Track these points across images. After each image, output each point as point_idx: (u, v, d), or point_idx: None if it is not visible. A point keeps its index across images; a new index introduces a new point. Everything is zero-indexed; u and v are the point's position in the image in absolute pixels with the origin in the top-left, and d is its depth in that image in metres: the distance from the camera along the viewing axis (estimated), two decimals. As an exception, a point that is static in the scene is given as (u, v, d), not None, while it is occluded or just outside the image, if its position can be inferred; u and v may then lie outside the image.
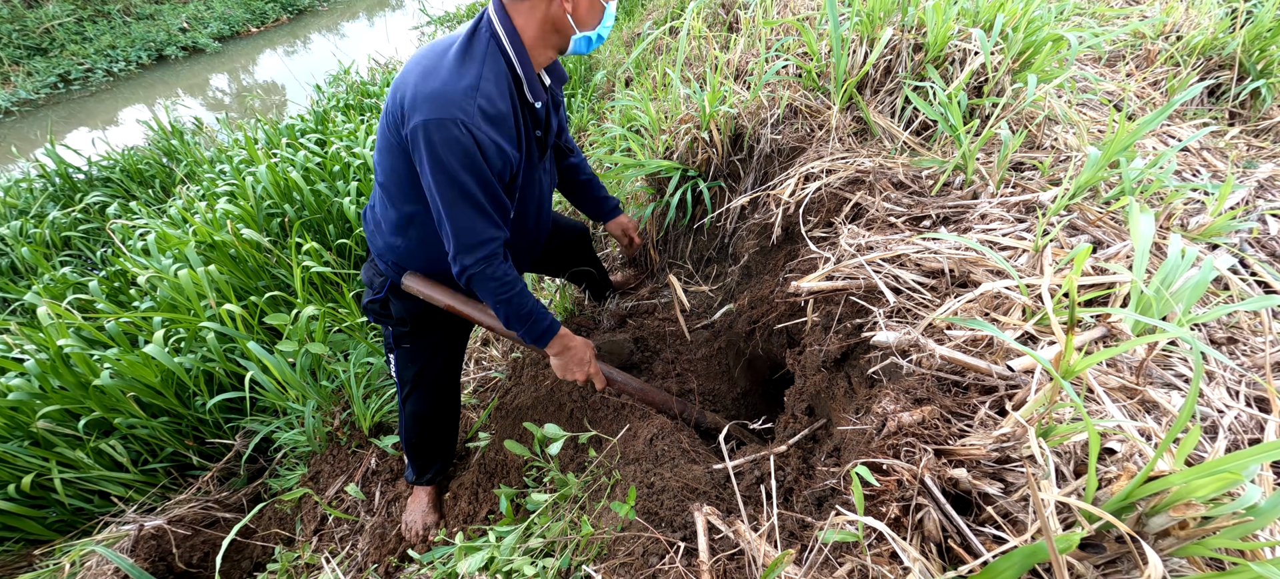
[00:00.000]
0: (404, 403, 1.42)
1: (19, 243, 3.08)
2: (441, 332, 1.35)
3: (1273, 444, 0.39)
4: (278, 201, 2.52)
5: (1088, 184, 0.96)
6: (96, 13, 7.42)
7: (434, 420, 1.46)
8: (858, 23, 1.46)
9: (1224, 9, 2.31)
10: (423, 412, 1.43)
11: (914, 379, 0.69)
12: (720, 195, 1.60)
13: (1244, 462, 0.38)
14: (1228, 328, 0.81)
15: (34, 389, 1.79)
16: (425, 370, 1.37)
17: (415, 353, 1.36)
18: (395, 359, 1.38)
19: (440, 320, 1.32)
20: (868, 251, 0.91)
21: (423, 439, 1.49)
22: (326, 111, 3.78)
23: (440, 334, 1.36)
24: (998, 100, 1.30)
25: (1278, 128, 1.90)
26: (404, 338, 1.34)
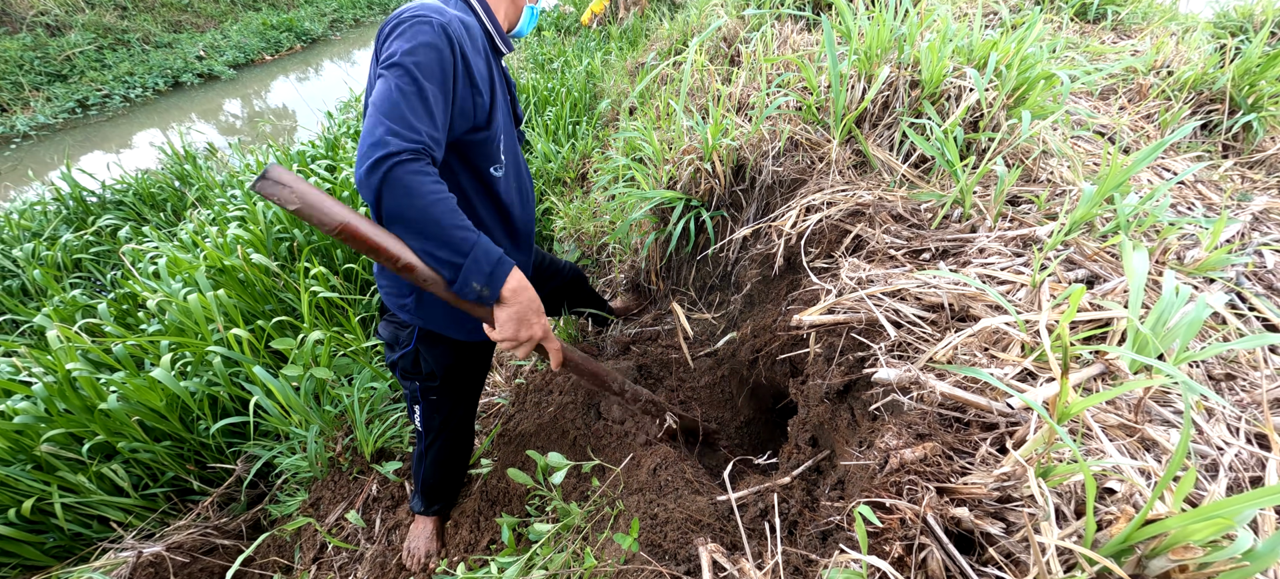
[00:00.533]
0: (427, 452, 1.39)
1: (31, 265, 3.13)
2: (467, 377, 1.30)
3: (1268, 490, 0.39)
4: (287, 226, 2.56)
5: (1083, 219, 0.99)
6: (116, 41, 7.66)
7: (454, 461, 1.45)
8: (856, 60, 1.50)
9: (1213, 45, 2.38)
10: (445, 457, 1.41)
11: (916, 415, 0.70)
12: (723, 225, 1.63)
13: (1238, 506, 0.39)
14: (1227, 363, 0.82)
15: (40, 412, 1.80)
16: (450, 417, 1.33)
17: (441, 403, 1.30)
18: (421, 411, 1.32)
19: (468, 368, 1.27)
20: (868, 285, 0.93)
21: (440, 480, 1.48)
22: (337, 138, 3.86)
23: (465, 380, 1.30)
24: (993, 135, 1.34)
25: (1271, 160, 1.93)
26: (432, 391, 1.27)
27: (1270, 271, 1.17)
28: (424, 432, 1.34)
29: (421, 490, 1.50)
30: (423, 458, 1.42)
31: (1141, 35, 2.71)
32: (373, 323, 2.44)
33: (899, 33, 1.51)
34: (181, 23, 8.48)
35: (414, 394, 1.30)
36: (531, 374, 1.82)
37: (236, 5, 9.26)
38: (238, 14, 9.11)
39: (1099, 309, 0.78)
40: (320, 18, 9.42)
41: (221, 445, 2.00)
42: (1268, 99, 1.95)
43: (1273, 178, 1.82)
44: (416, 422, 1.34)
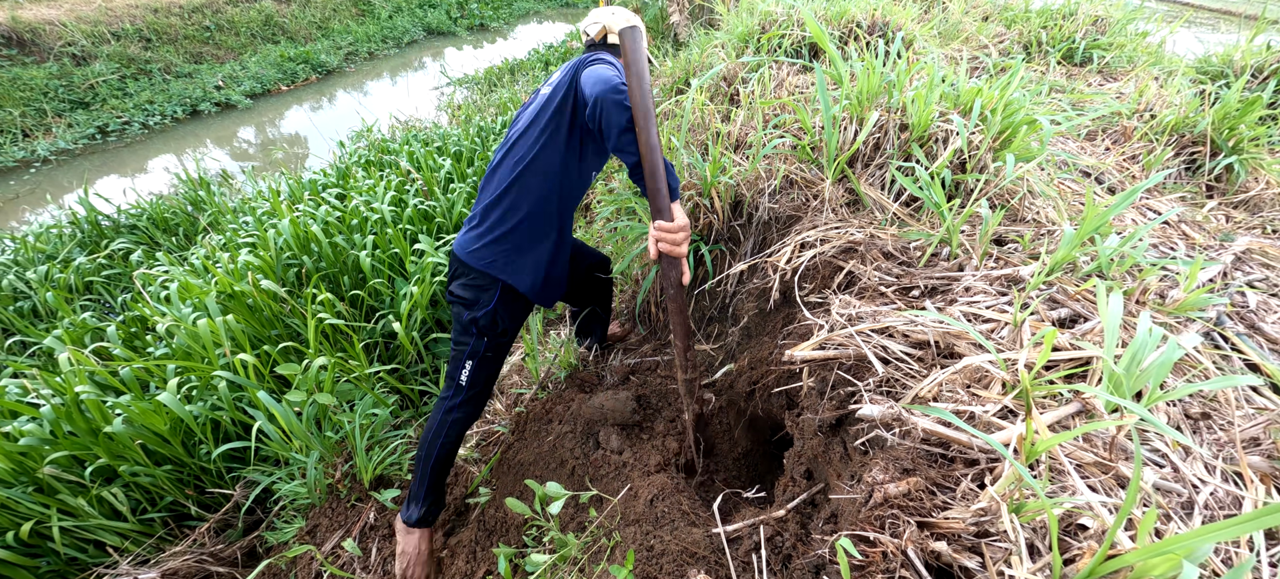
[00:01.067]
0: (456, 408, 1.53)
1: (44, 287, 3.19)
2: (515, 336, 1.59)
3: (1223, 524, 0.42)
4: (296, 253, 2.62)
5: (1064, 261, 1.03)
6: (139, 71, 7.94)
7: (465, 427, 1.58)
8: (848, 104, 1.58)
9: (1193, 90, 2.47)
10: (471, 417, 1.57)
11: (902, 450, 0.72)
12: (721, 258, 1.68)
13: (1197, 540, 0.42)
14: (1205, 402, 0.85)
15: (45, 434, 1.82)
16: (490, 377, 1.56)
17: (494, 360, 1.54)
18: (471, 367, 1.50)
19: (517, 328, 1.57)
20: (857, 322, 0.97)
21: (449, 456, 1.57)
22: (349, 167, 3.97)
23: (513, 339, 1.59)
24: (979, 177, 1.39)
25: (1254, 201, 1.99)
26: (495, 346, 1.51)
27: (1253, 311, 1.20)
28: (467, 388, 1.52)
29: (427, 480, 1.55)
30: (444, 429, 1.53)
31: (1126, 79, 2.81)
32: (377, 349, 2.47)
33: (888, 79, 1.59)
34: (203, 54, 8.80)
35: (475, 350, 1.49)
36: (532, 404, 1.84)
37: (256, 38, 9.62)
38: (257, 46, 9.45)
39: (1077, 349, 0.81)
40: (336, 51, 9.77)
41: (221, 470, 2.01)
42: (1247, 142, 2.02)
43: (1256, 218, 1.87)
44: (462, 378, 1.51)
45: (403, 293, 2.49)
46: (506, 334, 1.53)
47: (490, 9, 13.76)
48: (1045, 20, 3.33)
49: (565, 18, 14.41)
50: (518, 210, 1.42)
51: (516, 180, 1.41)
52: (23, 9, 7.80)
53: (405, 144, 4.39)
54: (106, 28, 8.05)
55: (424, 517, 1.56)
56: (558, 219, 1.49)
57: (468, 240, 1.46)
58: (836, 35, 2.43)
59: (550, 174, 1.42)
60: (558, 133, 1.40)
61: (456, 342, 1.53)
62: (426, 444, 1.54)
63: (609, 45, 1.57)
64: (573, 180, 1.48)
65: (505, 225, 1.42)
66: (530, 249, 1.46)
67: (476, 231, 1.45)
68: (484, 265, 1.43)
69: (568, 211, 1.52)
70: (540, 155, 1.40)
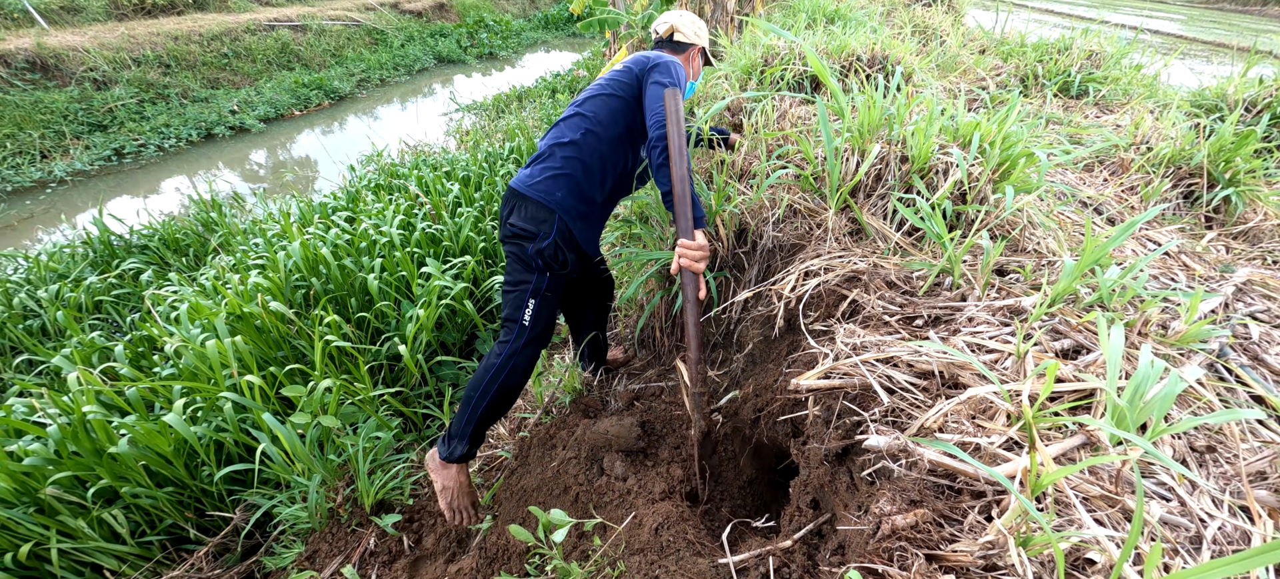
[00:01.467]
0: (520, 350, 1.59)
1: (54, 306, 3.22)
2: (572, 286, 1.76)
3: (1225, 561, 0.43)
4: (305, 275, 2.66)
5: (1065, 292, 1.04)
6: (157, 95, 8.17)
7: (527, 374, 1.64)
8: (849, 136, 1.62)
9: (1188, 123, 2.51)
10: (532, 360, 1.62)
11: (909, 481, 0.73)
12: (726, 285, 1.70)
13: (1199, 576, 0.42)
14: (1210, 435, 0.85)
15: (49, 454, 1.83)
16: (550, 319, 1.63)
17: (555, 299, 1.62)
18: (534, 306, 1.57)
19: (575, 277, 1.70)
20: (863, 352, 0.98)
21: (503, 399, 1.60)
22: (359, 191, 4.05)
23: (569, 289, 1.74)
24: (980, 208, 1.42)
25: (1253, 231, 2.00)
26: (556, 283, 1.60)
27: (1256, 343, 1.21)
28: (531, 326, 1.58)
29: (472, 419, 1.58)
30: (504, 370, 1.57)
31: (1122, 111, 2.87)
32: (382, 372, 2.48)
33: (888, 112, 1.63)
34: (220, 80, 9.06)
35: (537, 287, 1.58)
36: (536, 428, 1.84)
37: (272, 65, 9.91)
38: (272, 72, 9.73)
39: (1080, 380, 0.82)
40: (349, 77, 10.04)
41: (222, 493, 2.00)
42: (1244, 174, 2.04)
43: (1255, 249, 1.88)
44: (525, 318, 1.57)
45: (409, 315, 2.51)
46: (566, 273, 1.61)
47: (499, 39, 14.18)
48: (1041, 54, 3.42)
49: (571, 48, 14.81)
50: (581, 158, 1.58)
51: (584, 134, 1.59)
52: (49, 36, 8.08)
53: (414, 168, 4.47)
54: (128, 54, 8.32)
55: (465, 454, 1.60)
56: (608, 181, 1.66)
57: (530, 174, 1.59)
58: (837, 68, 2.50)
59: (612, 141, 1.63)
60: (621, 113, 1.64)
61: (516, 283, 1.60)
62: (481, 384, 1.57)
63: (673, 42, 1.86)
64: (623, 154, 1.68)
65: (569, 168, 1.57)
66: (585, 195, 1.60)
67: (540, 166, 1.59)
68: (543, 195, 1.54)
69: (615, 178, 1.68)
70: (605, 123, 1.62)
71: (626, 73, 1.66)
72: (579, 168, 1.58)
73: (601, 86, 1.67)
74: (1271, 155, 2.40)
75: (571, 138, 1.60)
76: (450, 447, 1.60)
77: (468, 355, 2.81)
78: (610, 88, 1.65)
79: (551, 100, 8.06)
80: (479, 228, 3.38)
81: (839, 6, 4.50)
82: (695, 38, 1.87)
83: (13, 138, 6.58)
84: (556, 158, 1.58)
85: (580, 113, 1.63)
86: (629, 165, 1.74)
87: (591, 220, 1.66)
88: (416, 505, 1.87)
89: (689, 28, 1.87)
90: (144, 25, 9.27)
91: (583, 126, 1.61)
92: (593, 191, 1.62)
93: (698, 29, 1.89)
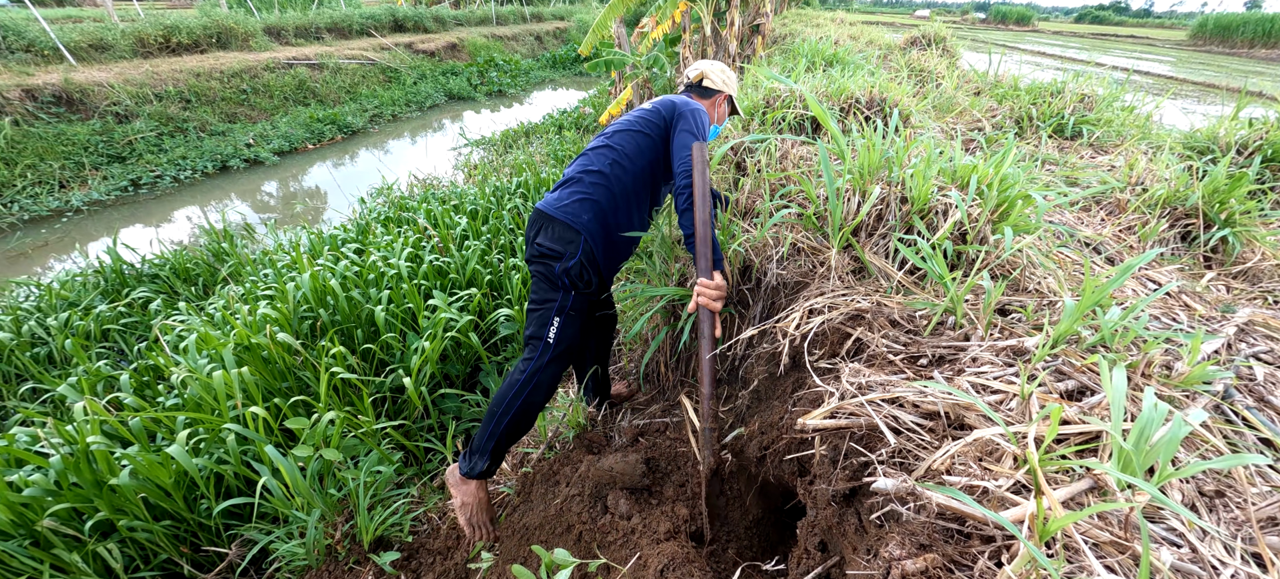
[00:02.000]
0: (545, 367, 1.61)
1: (62, 334, 3.25)
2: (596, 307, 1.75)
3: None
4: (313, 306, 2.69)
5: (1067, 333, 1.06)
6: (176, 129, 8.42)
7: (550, 392, 1.66)
8: (850, 177, 1.67)
9: (1182, 164, 2.57)
10: (556, 378, 1.65)
11: (918, 524, 0.72)
12: (731, 322, 1.72)
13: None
14: (1219, 479, 0.85)
15: (50, 485, 1.82)
16: (574, 339, 1.66)
17: (579, 319, 1.65)
18: (559, 323, 1.61)
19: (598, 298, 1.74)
20: (868, 391, 0.99)
21: (526, 416, 1.61)
22: (368, 223, 4.12)
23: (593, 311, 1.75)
24: (980, 248, 1.45)
25: (1253, 271, 2.02)
26: (581, 302, 1.64)
27: (1260, 384, 1.21)
28: (556, 344, 1.62)
29: (492, 439, 1.59)
30: (525, 390, 1.59)
31: (1116, 152, 2.93)
32: (386, 404, 2.48)
33: (887, 154, 1.68)
34: (237, 114, 9.35)
35: (562, 305, 1.62)
36: (539, 464, 1.82)
37: (288, 100, 10.25)
38: (289, 108, 10.05)
39: (1085, 423, 0.82)
40: (362, 113, 10.36)
41: (220, 527, 1.97)
42: (1239, 215, 2.08)
43: (1256, 288, 1.89)
44: (549, 336, 1.61)
45: (414, 347, 2.53)
46: (590, 293, 1.66)
47: (508, 77, 14.67)
48: (1034, 97, 3.53)
49: (578, 86, 15.29)
50: (607, 186, 1.66)
51: (612, 165, 1.68)
52: (76, 72, 8.41)
53: (423, 202, 4.57)
54: (150, 89, 8.63)
55: (486, 470, 1.61)
56: (630, 212, 1.73)
57: (557, 198, 1.66)
58: (837, 110, 2.58)
59: (637, 174, 1.71)
60: (647, 150, 1.73)
61: (541, 302, 1.64)
62: (505, 400, 1.59)
63: (702, 88, 1.97)
64: (645, 189, 1.76)
65: (595, 194, 1.64)
66: (609, 222, 1.66)
67: (567, 190, 1.66)
68: (570, 218, 1.60)
69: (637, 210, 1.76)
70: (632, 156, 1.70)
71: (655, 114, 1.76)
72: (605, 195, 1.65)
73: (630, 122, 1.77)
74: (1266, 196, 2.45)
75: (599, 167, 1.68)
76: (471, 463, 1.62)
77: (471, 387, 2.81)
78: (639, 125, 1.75)
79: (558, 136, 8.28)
80: (485, 260, 3.43)
81: (837, 50, 4.67)
82: (723, 86, 1.98)
83: (34, 168, 6.77)
84: (584, 183, 1.66)
85: (609, 145, 1.72)
86: (649, 200, 1.82)
87: (613, 248, 1.71)
88: (416, 543, 1.83)
89: (718, 76, 1.98)
90: (168, 62, 9.65)
91: (611, 156, 1.69)
92: (615, 219, 1.68)
93: (727, 78, 2.00)
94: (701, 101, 1.91)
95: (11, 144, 6.82)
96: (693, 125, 1.65)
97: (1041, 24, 50.51)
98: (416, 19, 16.43)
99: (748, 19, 7.21)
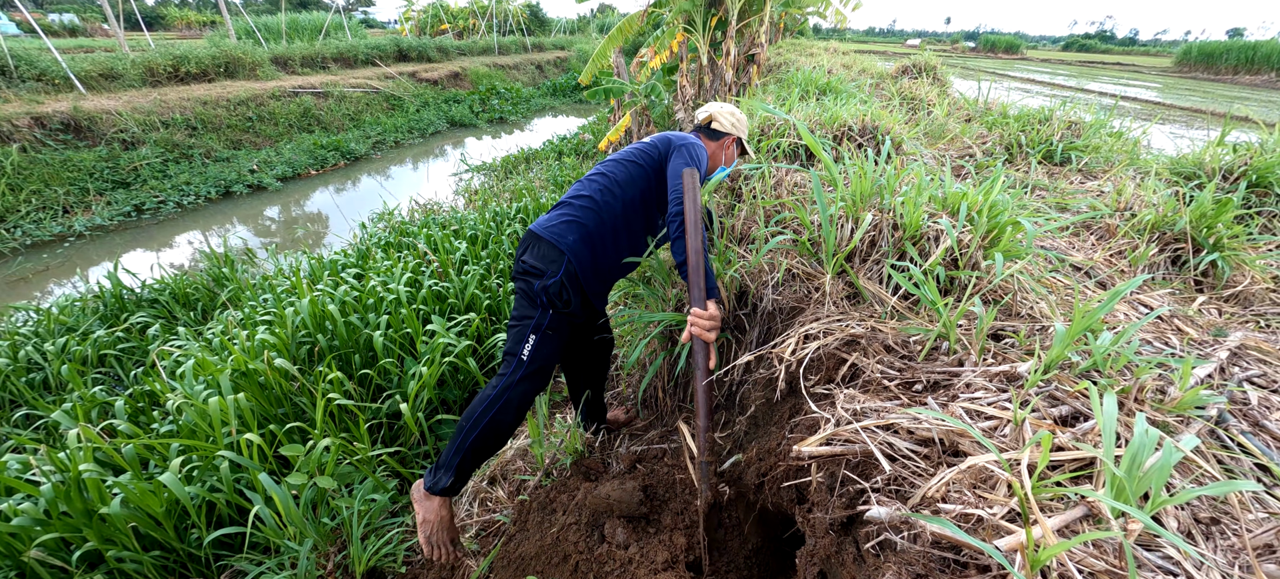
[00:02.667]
0: (515, 384, 1.58)
1: (58, 359, 3.24)
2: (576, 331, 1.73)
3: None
4: (311, 331, 2.69)
5: (1059, 359, 1.07)
6: (181, 155, 8.54)
7: (520, 413, 1.63)
8: (843, 204, 1.70)
9: (1169, 190, 2.62)
10: (528, 396, 1.62)
11: (914, 554, 0.72)
12: (728, 347, 1.72)
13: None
14: (1215, 506, 0.84)
15: (39, 514, 1.79)
16: (547, 361, 1.64)
17: (556, 339, 1.64)
18: (534, 341, 1.61)
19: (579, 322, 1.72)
20: (863, 418, 0.99)
21: (494, 433, 1.58)
22: (369, 248, 4.15)
23: (573, 333, 1.72)
24: (972, 273, 1.47)
25: (1244, 294, 2.04)
26: (560, 325, 1.63)
27: (1254, 409, 1.21)
28: (528, 361, 1.60)
29: (460, 454, 1.55)
30: (495, 406, 1.56)
31: (1105, 178, 2.99)
32: (382, 431, 2.46)
33: (878, 182, 1.72)
34: (242, 141, 9.50)
35: (539, 323, 1.61)
36: (535, 491, 1.80)
37: (293, 127, 10.43)
38: (293, 135, 10.22)
39: (1078, 449, 0.83)
40: (365, 139, 10.53)
41: (209, 558, 1.94)
42: (1227, 239, 2.11)
43: (1248, 311, 1.91)
44: (523, 353, 1.60)
45: (412, 372, 2.52)
46: (570, 314, 1.65)
47: (509, 105, 14.96)
48: (1023, 124, 3.61)
49: (578, 113, 15.59)
50: (596, 210, 1.69)
51: (602, 191, 1.71)
52: (85, 100, 8.57)
53: (423, 227, 4.61)
54: (157, 117, 8.78)
55: (450, 487, 1.57)
56: (620, 238, 1.74)
57: (548, 218, 1.70)
58: (830, 138, 2.64)
59: (628, 202, 1.74)
60: (639, 179, 1.76)
61: (519, 318, 1.64)
62: (473, 415, 1.56)
63: (710, 130, 1.97)
64: (638, 217, 1.78)
65: (583, 217, 1.67)
66: (596, 245, 1.68)
67: (557, 212, 1.70)
68: (555, 238, 1.63)
69: (628, 236, 1.77)
70: (624, 184, 1.74)
71: (652, 146, 1.81)
72: (593, 218, 1.68)
73: (626, 153, 1.82)
74: (1253, 221, 2.48)
75: (589, 193, 1.72)
76: (436, 478, 1.59)
77: (468, 413, 2.79)
78: (634, 155, 1.79)
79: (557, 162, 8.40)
80: (484, 285, 3.44)
81: (830, 79, 4.79)
82: (732, 128, 1.98)
83: (39, 194, 6.84)
84: (574, 207, 1.70)
85: (603, 172, 1.77)
86: (643, 229, 1.84)
87: (600, 271, 1.72)
88: (409, 574, 1.80)
89: (727, 119, 1.97)
90: (176, 91, 9.85)
91: (603, 183, 1.74)
92: (604, 243, 1.70)
93: (737, 121, 1.98)
94: (711, 144, 1.96)
95: (18, 170, 6.91)
96: (688, 157, 1.68)
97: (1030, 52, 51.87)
98: (420, 49, 16.85)
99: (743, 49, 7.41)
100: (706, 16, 6.98)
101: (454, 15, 23.77)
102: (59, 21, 26.47)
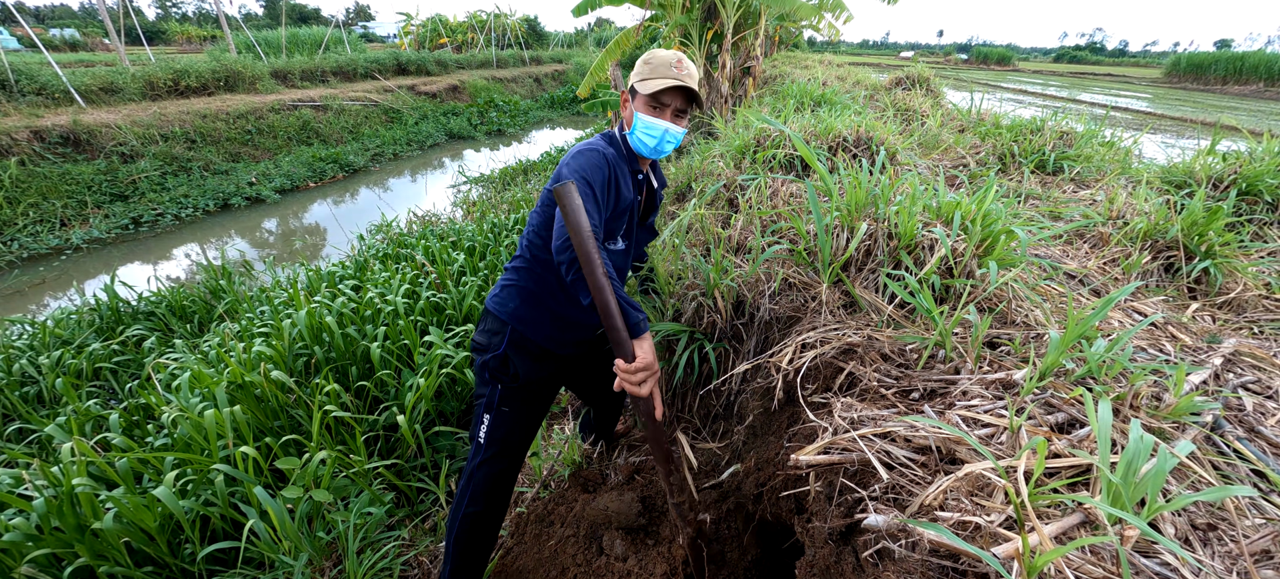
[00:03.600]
0: (477, 468, 1.48)
1: (53, 373, 3.22)
2: (537, 395, 1.57)
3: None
4: (309, 343, 2.68)
5: (1053, 366, 1.07)
6: (180, 168, 8.56)
7: (491, 499, 1.51)
8: (838, 214, 1.71)
9: (1160, 198, 2.65)
10: (488, 484, 1.50)
11: (914, 562, 0.72)
12: (725, 356, 1.73)
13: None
14: (1211, 512, 0.85)
15: (31, 529, 1.77)
16: (510, 436, 1.52)
17: (512, 416, 1.51)
18: (489, 422, 1.50)
19: (541, 384, 1.56)
20: (860, 426, 1.00)
21: (475, 536, 1.48)
22: (366, 260, 4.16)
23: (535, 398, 1.57)
24: (967, 282, 1.48)
25: (1237, 301, 2.06)
26: (513, 397, 1.51)
27: (1249, 415, 1.22)
28: (486, 446, 1.49)
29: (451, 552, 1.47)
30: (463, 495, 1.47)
31: (1097, 187, 3.02)
32: (379, 443, 2.44)
33: (873, 192, 1.73)
34: (241, 154, 9.53)
35: (490, 401, 1.50)
36: (533, 504, 1.79)
37: (292, 140, 10.47)
38: (292, 147, 10.26)
39: (1073, 456, 0.83)
40: (364, 152, 10.57)
41: (203, 573, 1.91)
42: (1218, 246, 2.13)
43: (1241, 318, 1.92)
44: (480, 435, 1.50)
45: (409, 384, 2.51)
46: (524, 386, 1.51)
47: (507, 117, 15.06)
48: (1016, 134, 3.65)
49: (575, 125, 15.70)
50: (529, 268, 1.54)
51: (528, 245, 1.55)
52: (85, 113, 8.60)
53: (422, 239, 4.62)
54: (157, 130, 8.81)
55: None
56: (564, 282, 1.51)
57: (495, 288, 1.59)
58: (825, 149, 2.67)
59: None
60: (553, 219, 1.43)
61: (475, 399, 1.55)
62: (452, 519, 1.49)
63: None
64: None
65: (519, 279, 1.54)
66: (542, 301, 1.53)
67: (501, 279, 1.59)
68: (497, 307, 1.53)
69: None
70: (539, 229, 1.53)
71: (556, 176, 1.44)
72: (529, 277, 1.53)
73: (543, 193, 1.56)
74: (1244, 228, 2.51)
75: (521, 248, 1.58)
76: None
77: (465, 425, 2.78)
78: (544, 194, 1.54)
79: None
80: (482, 296, 3.45)
81: (825, 91, 4.85)
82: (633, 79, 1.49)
83: (36, 207, 6.83)
84: (509, 270, 1.58)
85: (529, 220, 1.59)
86: None
87: (560, 319, 1.55)
88: (405, 588, 1.78)
89: (637, 71, 1.48)
90: (175, 105, 9.90)
91: (528, 234, 1.56)
92: (552, 293, 1.53)
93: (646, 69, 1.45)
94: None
95: (16, 183, 6.91)
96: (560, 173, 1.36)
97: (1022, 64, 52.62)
98: (419, 62, 17.00)
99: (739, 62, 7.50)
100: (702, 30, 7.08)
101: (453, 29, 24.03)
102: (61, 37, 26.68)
